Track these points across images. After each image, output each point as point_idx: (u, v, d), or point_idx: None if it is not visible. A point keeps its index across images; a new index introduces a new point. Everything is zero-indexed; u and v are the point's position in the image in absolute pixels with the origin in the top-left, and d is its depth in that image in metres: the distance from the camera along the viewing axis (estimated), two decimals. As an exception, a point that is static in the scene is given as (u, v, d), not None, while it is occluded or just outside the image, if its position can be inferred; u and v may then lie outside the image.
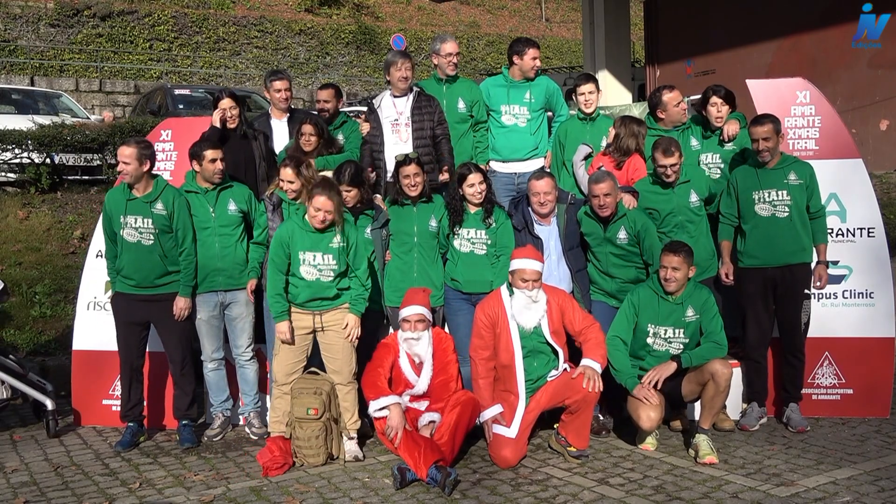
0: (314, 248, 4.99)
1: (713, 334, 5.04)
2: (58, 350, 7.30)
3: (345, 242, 5.03)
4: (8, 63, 22.15)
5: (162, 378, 5.80)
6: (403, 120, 6.02)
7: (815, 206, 5.36)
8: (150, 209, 5.34)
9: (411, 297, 5.22)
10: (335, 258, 5.00)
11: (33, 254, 8.78)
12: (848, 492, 4.30)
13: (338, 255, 5.01)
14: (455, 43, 6.33)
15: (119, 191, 5.43)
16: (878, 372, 5.68)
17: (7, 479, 4.86)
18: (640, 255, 5.37)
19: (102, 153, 10.14)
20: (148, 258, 5.34)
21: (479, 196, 5.47)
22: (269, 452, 4.90)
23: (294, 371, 5.08)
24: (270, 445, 4.95)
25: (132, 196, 5.35)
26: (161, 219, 5.34)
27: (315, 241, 4.99)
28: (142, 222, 5.33)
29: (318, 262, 5.00)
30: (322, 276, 5.02)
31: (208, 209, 5.52)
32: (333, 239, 5.00)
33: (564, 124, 6.25)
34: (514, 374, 5.03)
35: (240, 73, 25.62)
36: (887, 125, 12.72)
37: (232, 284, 5.56)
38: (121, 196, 5.38)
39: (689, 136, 5.98)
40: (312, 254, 4.99)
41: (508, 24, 33.39)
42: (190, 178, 5.59)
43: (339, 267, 5.03)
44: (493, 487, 4.53)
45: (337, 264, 5.01)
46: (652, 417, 4.90)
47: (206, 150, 5.45)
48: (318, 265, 5.00)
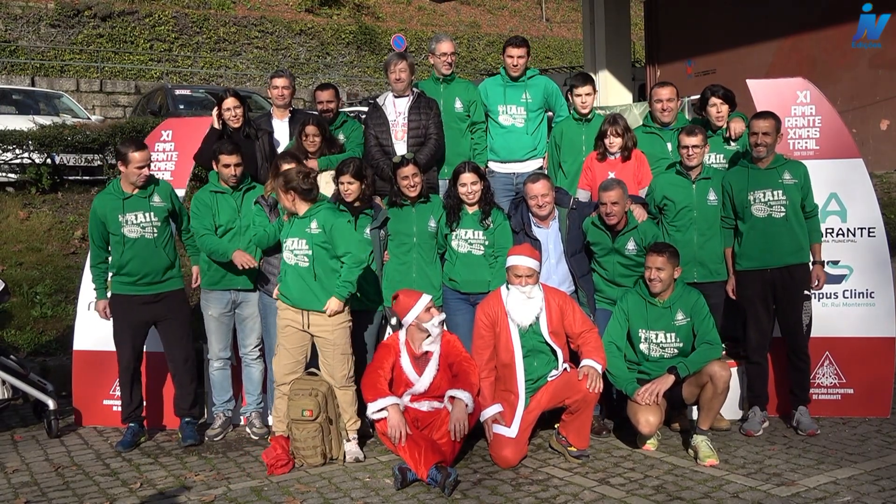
0: (293, 233, 4.96)
1: (706, 334, 5.03)
2: (58, 350, 7.30)
3: (320, 229, 4.91)
4: (9, 63, 22.16)
5: (161, 378, 5.80)
6: (401, 120, 6.03)
7: (809, 205, 5.36)
8: (148, 203, 5.40)
9: (406, 300, 5.18)
10: (308, 244, 4.90)
11: (34, 254, 8.78)
12: (848, 491, 4.30)
13: (311, 241, 4.90)
14: (450, 43, 6.31)
15: (109, 194, 5.42)
16: (879, 372, 5.67)
17: (8, 479, 4.86)
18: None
19: (103, 153, 10.15)
20: (154, 251, 5.38)
21: (473, 196, 5.47)
22: (273, 451, 4.90)
23: (292, 371, 5.07)
24: (274, 444, 4.96)
25: (128, 195, 5.37)
26: (160, 211, 5.42)
27: (296, 226, 4.96)
28: (143, 217, 5.37)
29: (294, 248, 4.94)
30: (299, 261, 4.94)
31: (234, 210, 5.56)
32: (310, 224, 4.92)
33: (560, 125, 6.24)
34: (515, 374, 5.03)
35: (240, 74, 25.62)
36: (887, 125, 12.71)
37: (248, 284, 5.58)
38: (114, 198, 5.37)
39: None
40: (292, 239, 4.96)
41: (509, 24, 33.38)
42: (214, 178, 5.63)
43: (313, 253, 4.90)
44: (494, 487, 4.54)
45: (310, 250, 4.90)
46: (651, 422, 4.89)
47: (221, 154, 5.49)
48: (293, 250, 4.95)
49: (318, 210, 4.96)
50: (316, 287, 4.92)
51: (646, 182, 5.75)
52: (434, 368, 5.09)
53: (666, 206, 5.54)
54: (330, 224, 4.90)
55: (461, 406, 4.86)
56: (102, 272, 5.49)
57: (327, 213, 4.96)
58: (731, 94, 5.80)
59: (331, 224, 4.90)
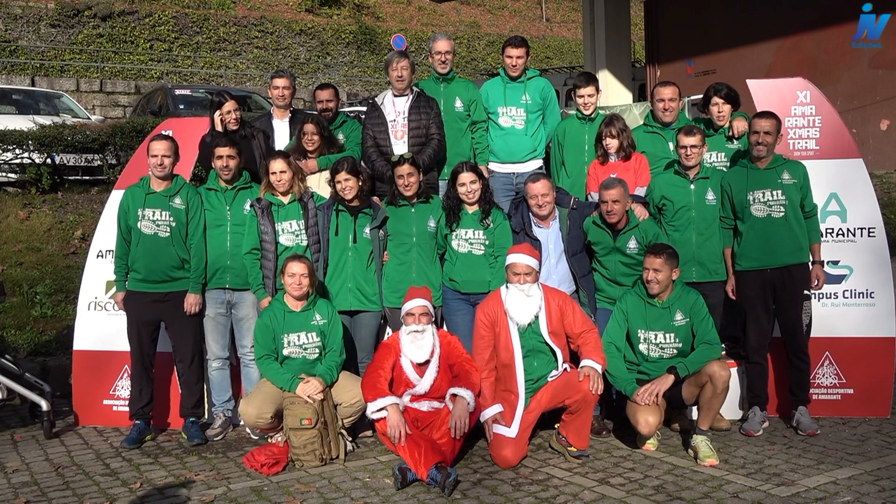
0: (298, 328, 5.14)
1: (705, 335, 5.03)
2: (58, 350, 7.29)
3: (326, 319, 5.19)
4: (9, 63, 22.16)
5: (164, 378, 5.81)
6: (401, 120, 6.02)
7: (808, 205, 5.36)
8: (168, 202, 5.46)
9: (413, 292, 5.23)
10: (318, 335, 5.17)
11: (34, 254, 8.78)
12: (848, 491, 4.30)
13: (320, 333, 5.18)
14: (447, 42, 6.28)
15: (138, 186, 5.55)
16: (879, 372, 5.68)
17: (8, 479, 4.86)
18: None
19: (103, 153, 10.15)
20: (164, 250, 5.44)
21: (472, 196, 5.47)
22: (260, 454, 4.92)
23: (260, 416, 5.06)
24: (261, 449, 4.99)
25: (151, 190, 5.48)
26: (179, 213, 5.47)
27: (299, 321, 5.15)
28: (160, 215, 5.44)
29: (303, 342, 5.16)
30: (307, 354, 5.17)
31: (224, 207, 5.60)
32: (314, 317, 5.16)
33: (563, 124, 6.24)
34: (515, 374, 5.03)
35: (240, 74, 25.62)
36: (887, 125, 12.71)
37: (239, 284, 5.60)
38: (140, 191, 5.51)
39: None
40: (296, 334, 5.14)
41: (509, 24, 33.38)
42: (213, 176, 5.69)
43: (322, 342, 5.20)
44: (494, 487, 4.54)
45: (321, 341, 5.19)
46: (650, 422, 4.89)
47: (215, 147, 5.57)
48: (302, 345, 5.16)
49: (317, 302, 5.25)
50: (318, 370, 5.17)
51: (641, 182, 5.74)
52: (435, 369, 5.09)
53: (664, 206, 5.54)
54: (330, 315, 5.24)
55: (463, 404, 4.86)
56: (124, 264, 5.54)
57: (327, 305, 5.28)
58: (733, 94, 5.79)
59: (331, 315, 5.24)
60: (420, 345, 5.08)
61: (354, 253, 5.52)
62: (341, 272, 5.53)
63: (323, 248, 5.53)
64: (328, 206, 5.57)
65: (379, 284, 5.57)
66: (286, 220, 5.51)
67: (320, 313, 5.21)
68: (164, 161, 5.41)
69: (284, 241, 5.50)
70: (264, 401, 5.03)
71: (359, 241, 5.52)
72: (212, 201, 5.62)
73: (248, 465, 4.92)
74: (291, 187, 5.50)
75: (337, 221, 5.52)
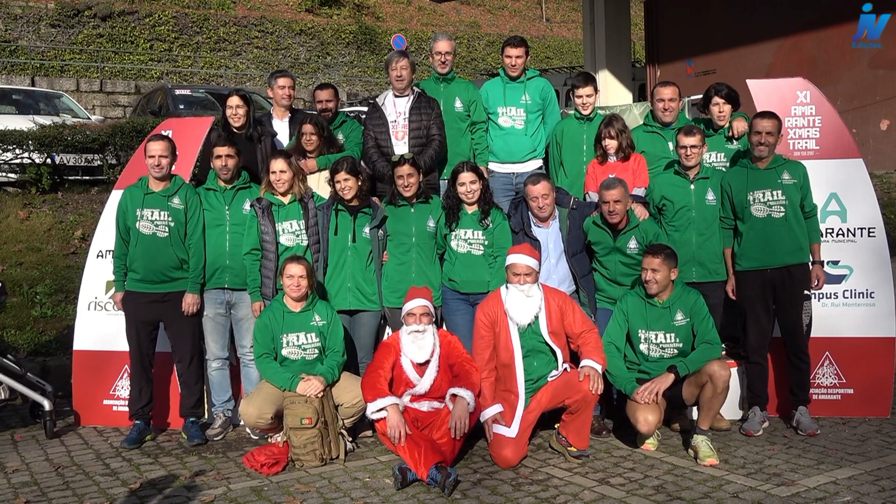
0: (297, 329, 5.15)
1: (705, 334, 5.03)
2: (58, 350, 7.30)
3: (325, 320, 5.20)
4: (9, 63, 22.16)
5: (164, 378, 5.82)
6: (401, 120, 6.02)
7: (808, 205, 5.36)
8: (167, 203, 5.46)
9: (414, 292, 5.23)
10: (317, 336, 5.18)
11: (34, 254, 8.78)
12: (848, 492, 4.30)
13: (319, 334, 5.19)
14: (447, 42, 6.29)
15: (136, 187, 5.54)
16: (879, 372, 5.68)
17: (8, 479, 4.86)
18: None
19: (103, 153, 10.15)
20: (162, 250, 5.44)
21: (472, 196, 5.47)
22: (260, 454, 4.92)
23: (261, 416, 5.06)
24: (261, 449, 4.99)
25: (150, 191, 5.48)
26: (177, 213, 5.47)
27: (298, 321, 5.15)
28: (158, 215, 5.44)
29: (302, 343, 5.16)
30: (306, 355, 5.18)
31: (223, 207, 5.60)
32: (314, 318, 5.17)
33: (561, 124, 6.24)
34: (515, 374, 5.03)
35: (240, 74, 25.62)
36: (887, 125, 12.72)
37: (238, 284, 5.60)
38: (138, 191, 5.51)
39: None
40: (295, 335, 5.15)
41: (509, 24, 33.38)
42: (212, 176, 5.69)
43: (321, 343, 5.21)
44: (494, 487, 4.54)
45: (320, 342, 5.19)
46: (650, 421, 4.89)
47: (215, 146, 5.58)
48: (301, 345, 5.16)
49: (316, 302, 5.25)
50: (318, 370, 5.17)
51: (640, 183, 5.74)
52: (435, 369, 5.09)
53: (664, 206, 5.55)
54: (330, 316, 5.24)
55: (463, 404, 4.86)
56: (123, 264, 5.55)
57: (326, 307, 5.28)
58: (734, 94, 5.79)
59: (330, 316, 5.24)
60: (421, 345, 5.08)
61: (353, 252, 5.52)
62: (340, 272, 5.53)
63: (323, 248, 5.54)
64: (328, 206, 5.57)
65: (378, 284, 5.57)
66: (286, 220, 5.52)
67: (319, 314, 5.21)
68: (162, 161, 5.41)
69: (285, 241, 5.51)
70: (265, 401, 5.03)
71: (358, 240, 5.52)
72: (211, 201, 5.62)
73: (248, 465, 4.92)
74: (292, 187, 5.50)
75: (336, 221, 5.53)
